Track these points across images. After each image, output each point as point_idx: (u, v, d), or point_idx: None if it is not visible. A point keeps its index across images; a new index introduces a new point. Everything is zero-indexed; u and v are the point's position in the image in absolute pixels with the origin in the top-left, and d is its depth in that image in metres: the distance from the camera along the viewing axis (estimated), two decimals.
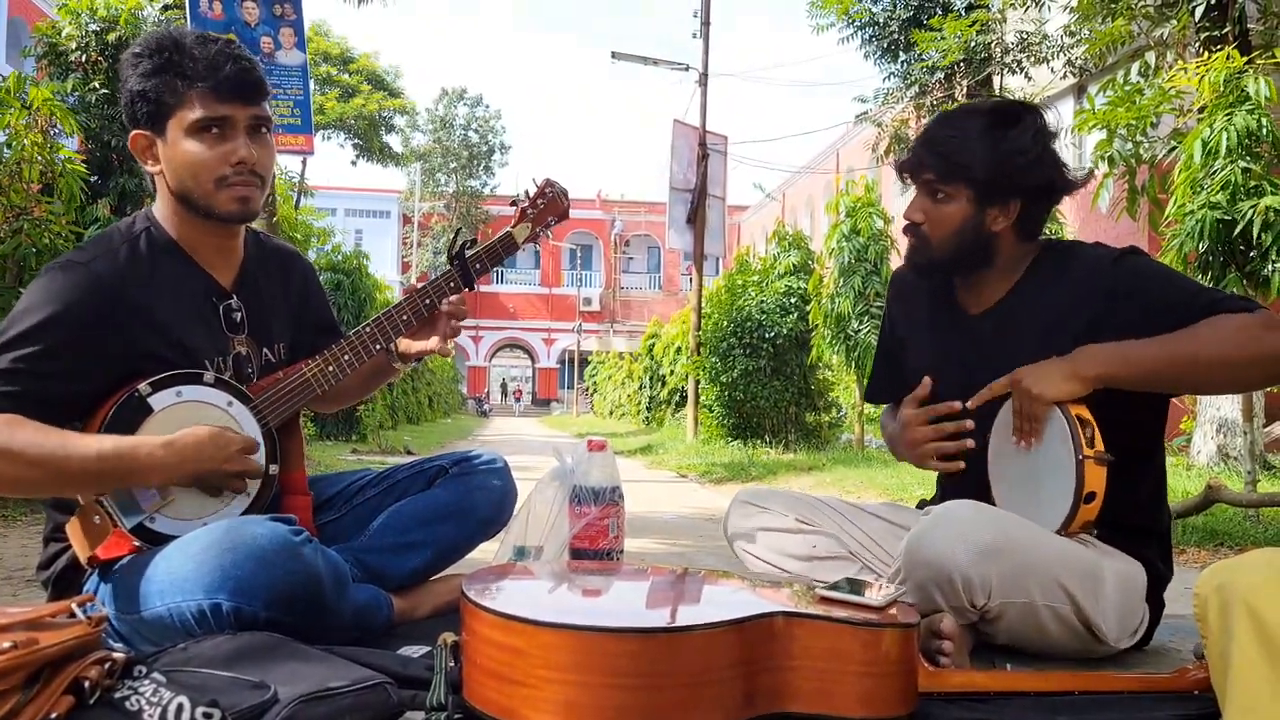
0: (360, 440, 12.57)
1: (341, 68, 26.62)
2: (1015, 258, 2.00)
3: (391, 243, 43.94)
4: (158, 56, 1.74)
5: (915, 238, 2.03)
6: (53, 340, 1.62)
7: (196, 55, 1.73)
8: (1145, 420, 1.96)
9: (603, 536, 2.04)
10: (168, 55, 1.73)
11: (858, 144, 23.29)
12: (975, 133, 1.93)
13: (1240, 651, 1.14)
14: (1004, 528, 1.76)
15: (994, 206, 1.94)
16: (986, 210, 1.95)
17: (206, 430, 1.67)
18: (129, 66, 1.76)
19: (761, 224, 35.70)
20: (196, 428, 1.67)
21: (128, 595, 1.64)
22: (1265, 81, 4.51)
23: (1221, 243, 4.49)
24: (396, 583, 1.95)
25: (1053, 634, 1.82)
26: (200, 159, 1.74)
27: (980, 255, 1.98)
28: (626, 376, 25.74)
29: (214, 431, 1.68)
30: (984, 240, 1.97)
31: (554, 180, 2.15)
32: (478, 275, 2.03)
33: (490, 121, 44.68)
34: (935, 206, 1.98)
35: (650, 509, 5.72)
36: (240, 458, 1.71)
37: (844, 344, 10.13)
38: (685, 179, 15.12)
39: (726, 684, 1.32)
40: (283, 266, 2.02)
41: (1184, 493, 5.22)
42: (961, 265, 2.01)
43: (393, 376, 2.13)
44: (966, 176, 1.93)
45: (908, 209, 2.03)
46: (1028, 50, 11.85)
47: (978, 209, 1.95)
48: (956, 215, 1.96)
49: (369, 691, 1.35)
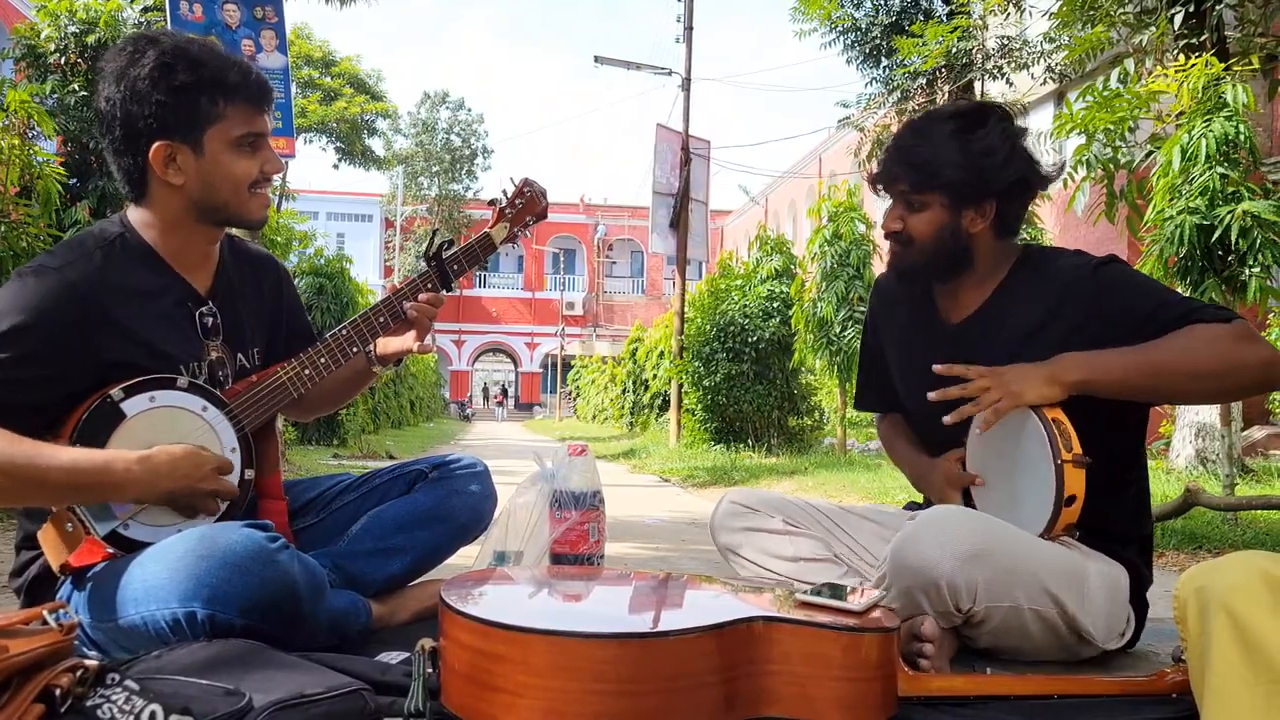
0: (341, 445, 12.50)
1: (323, 71, 26.56)
2: (995, 260, 2.01)
3: (374, 246, 43.84)
4: (193, 70, 1.71)
5: (896, 245, 2.04)
6: (23, 348, 1.60)
7: (230, 68, 1.74)
8: (1127, 426, 1.97)
9: (583, 541, 2.04)
10: (204, 69, 1.72)
11: (840, 149, 23.42)
12: (943, 139, 1.94)
13: (1219, 654, 1.14)
14: (989, 532, 1.77)
15: (970, 208, 1.95)
16: (963, 213, 1.96)
17: (182, 448, 1.66)
18: (150, 79, 1.70)
19: (744, 228, 35.78)
20: (171, 446, 1.65)
21: (102, 603, 1.62)
22: (1243, 88, 4.54)
23: (1200, 248, 4.52)
24: (375, 588, 1.94)
25: (1037, 637, 1.82)
26: (244, 171, 1.78)
27: (961, 257, 1.99)
28: (609, 381, 25.71)
29: (189, 450, 1.66)
30: (963, 242, 1.98)
31: (532, 180, 2.14)
32: (456, 276, 2.02)
33: (473, 125, 44.64)
34: (912, 215, 1.99)
35: (633, 513, 5.71)
36: (214, 478, 1.69)
37: (827, 348, 10.14)
38: (668, 183, 15.13)
39: (706, 689, 1.32)
40: (257, 271, 2.01)
41: (1163, 496, 5.24)
42: (943, 269, 2.02)
43: (372, 380, 2.12)
44: (940, 183, 1.94)
45: (885, 219, 2.04)
46: (1009, 56, 11.93)
47: (954, 213, 1.96)
48: (934, 221, 1.97)
49: (345, 698, 1.33)
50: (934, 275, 2.04)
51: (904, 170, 1.98)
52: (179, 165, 1.74)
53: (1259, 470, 7.47)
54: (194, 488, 1.66)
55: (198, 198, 1.77)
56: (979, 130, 1.94)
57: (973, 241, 1.98)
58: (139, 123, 1.72)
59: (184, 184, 1.75)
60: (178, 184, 1.75)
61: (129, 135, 1.73)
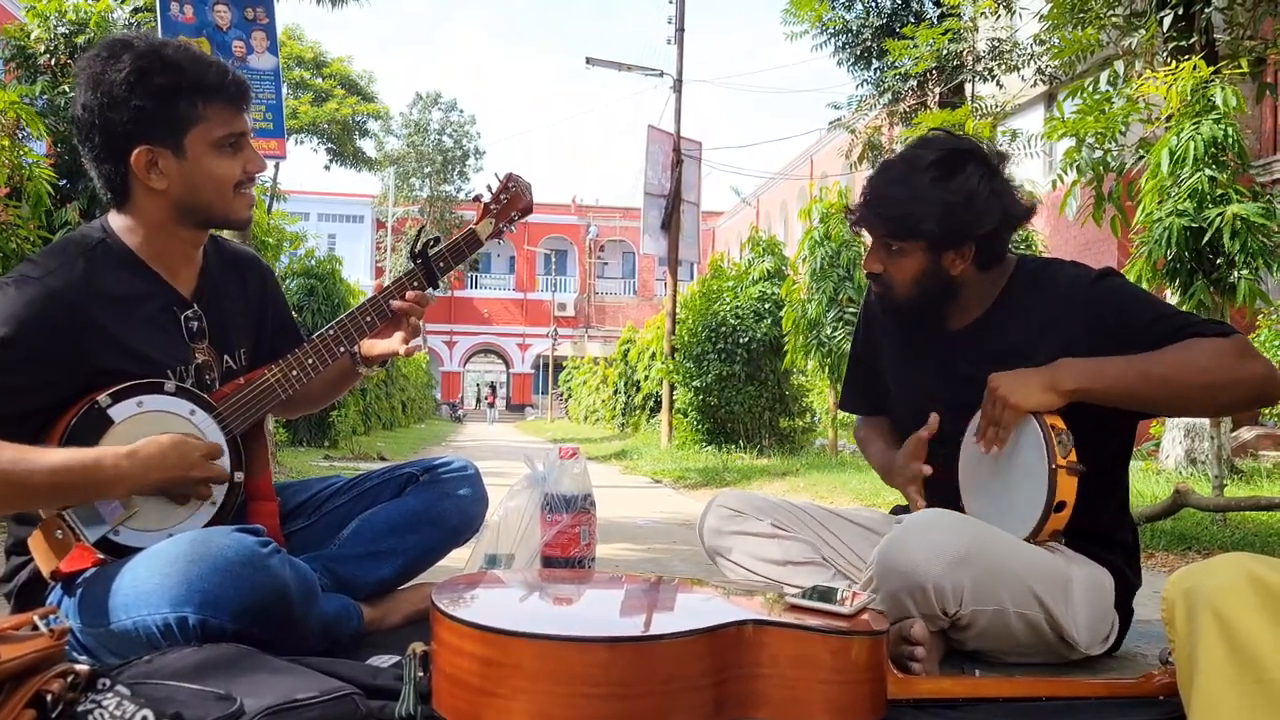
0: (332, 446, 12.48)
1: (315, 72, 26.51)
2: (983, 286, 2.02)
3: (365, 247, 43.78)
4: (169, 73, 1.70)
5: (878, 285, 2.05)
6: (8, 358, 1.59)
7: (207, 69, 1.73)
8: (1119, 434, 1.98)
9: (574, 544, 2.04)
10: (182, 72, 1.71)
11: (831, 150, 23.45)
12: (922, 188, 1.92)
13: (1206, 655, 1.15)
14: (975, 535, 1.77)
15: (950, 252, 1.95)
16: (943, 255, 1.96)
17: (169, 438, 1.65)
18: (127, 84, 1.68)
19: (736, 229, 35.81)
20: (159, 436, 1.65)
21: (93, 609, 1.61)
22: (1232, 91, 4.57)
23: (1189, 250, 4.54)
24: (366, 592, 1.94)
25: (1023, 640, 1.83)
26: (227, 172, 1.77)
27: (945, 294, 2.00)
28: (601, 382, 25.71)
29: (176, 439, 1.66)
30: (944, 282, 1.98)
31: (516, 175, 2.14)
32: (442, 274, 2.02)
33: (464, 126, 44.53)
34: (892, 259, 1.99)
35: (624, 514, 5.71)
36: (205, 464, 1.68)
37: (817, 349, 10.15)
38: (660, 184, 15.14)
39: (697, 692, 1.32)
40: (241, 271, 2.00)
41: (1152, 497, 5.26)
42: (927, 307, 2.02)
43: (357, 380, 2.12)
44: (918, 234, 1.94)
45: (866, 259, 2.05)
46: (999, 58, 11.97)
47: (934, 257, 1.96)
48: (913, 266, 1.97)
49: (337, 702, 1.33)
50: (920, 311, 2.04)
51: (882, 221, 1.98)
52: (161, 169, 1.73)
53: (1248, 471, 7.50)
54: (185, 476, 1.66)
55: (181, 201, 1.76)
56: (957, 177, 1.92)
57: (955, 280, 1.98)
58: (118, 129, 1.70)
59: (167, 188, 1.74)
60: (161, 188, 1.74)
61: (109, 142, 1.72)
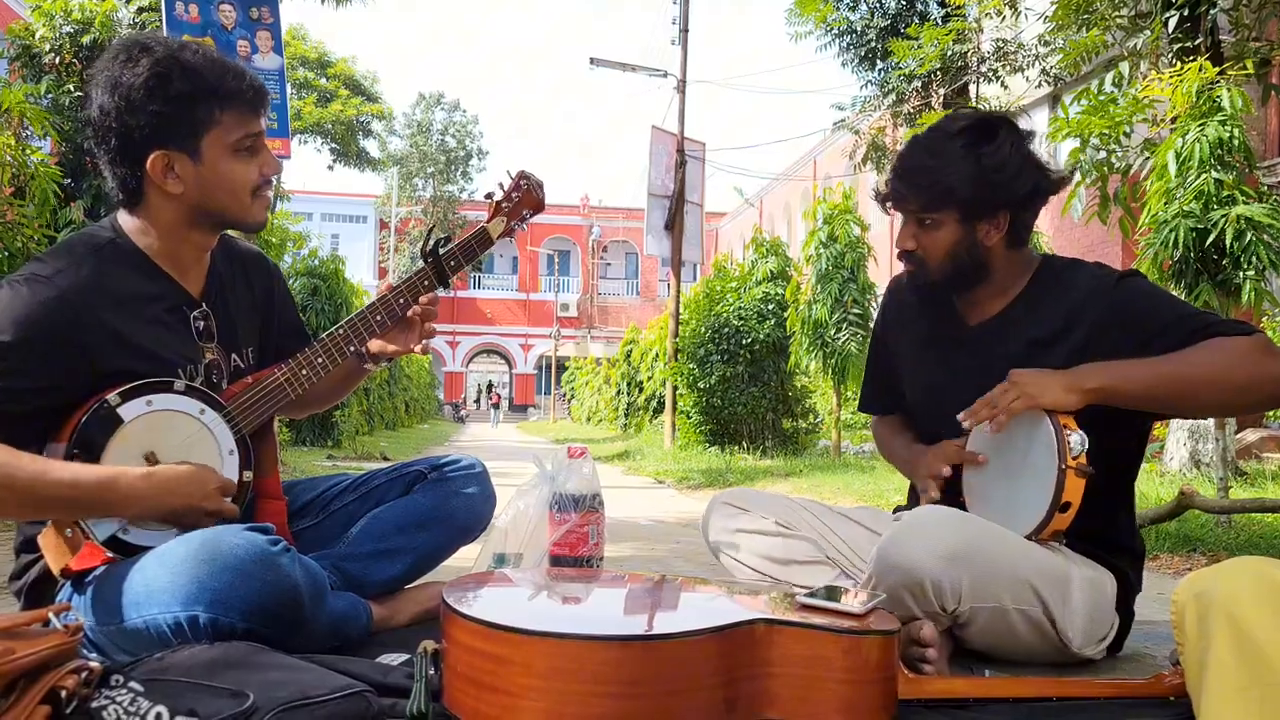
0: (335, 446, 12.49)
1: (319, 72, 26.56)
2: (1013, 269, 2.01)
3: (368, 247, 43.81)
4: (190, 79, 1.70)
5: (911, 263, 2.03)
6: (19, 358, 1.59)
7: (226, 74, 1.74)
8: (1134, 437, 1.98)
9: (583, 543, 2.04)
10: (201, 78, 1.71)
11: (835, 151, 23.42)
12: (955, 156, 1.92)
13: (1217, 659, 1.15)
14: (972, 532, 1.77)
15: (984, 222, 1.94)
16: (977, 226, 1.94)
17: (187, 468, 1.66)
18: (145, 88, 1.68)
19: (739, 230, 35.78)
20: (178, 465, 1.66)
21: (104, 607, 1.62)
22: (1237, 93, 4.57)
23: (1194, 251, 4.54)
24: (375, 590, 1.94)
25: (1025, 638, 1.83)
26: (244, 176, 1.78)
27: (978, 270, 1.98)
28: (604, 382, 25.72)
29: (194, 469, 1.67)
30: (978, 256, 1.97)
31: (528, 172, 2.13)
32: (453, 273, 2.01)
33: (468, 126, 44.60)
34: (925, 233, 1.97)
35: (627, 515, 5.71)
36: (217, 498, 1.69)
37: (821, 351, 10.16)
38: (663, 185, 15.15)
39: (707, 691, 1.32)
40: (248, 270, 2.00)
41: (1157, 499, 5.26)
42: (961, 283, 2.01)
43: (363, 378, 2.12)
44: (951, 202, 1.93)
45: (899, 236, 2.03)
46: (1004, 59, 11.96)
47: (968, 228, 1.94)
48: (948, 238, 1.96)
49: (349, 699, 1.33)
50: (951, 289, 2.03)
51: (915, 191, 1.96)
52: (177, 173, 1.73)
53: (1252, 473, 7.50)
54: (197, 505, 1.66)
55: (196, 204, 1.76)
56: (990, 144, 1.91)
57: (988, 254, 1.97)
58: (135, 133, 1.70)
59: (183, 192, 1.74)
60: (176, 192, 1.74)
61: (125, 145, 1.71)
